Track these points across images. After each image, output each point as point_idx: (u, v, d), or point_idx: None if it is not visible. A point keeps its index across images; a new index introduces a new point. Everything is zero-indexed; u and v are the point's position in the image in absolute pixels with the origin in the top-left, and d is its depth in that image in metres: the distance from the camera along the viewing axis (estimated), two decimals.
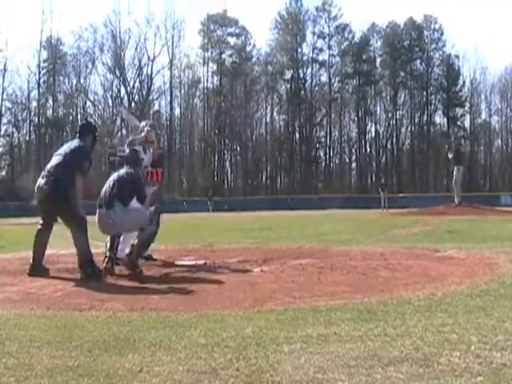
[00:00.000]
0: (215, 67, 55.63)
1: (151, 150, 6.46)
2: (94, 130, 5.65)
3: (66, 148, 5.41)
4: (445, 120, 55.94)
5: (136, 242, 5.34)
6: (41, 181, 5.22)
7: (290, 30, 54.44)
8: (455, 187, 17.16)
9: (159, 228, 5.73)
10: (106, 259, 5.34)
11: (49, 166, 5.30)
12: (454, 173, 17.17)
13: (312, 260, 6.03)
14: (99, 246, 6.36)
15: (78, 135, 5.52)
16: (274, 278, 4.99)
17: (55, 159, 5.31)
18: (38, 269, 5.25)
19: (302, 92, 54.85)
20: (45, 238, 5.36)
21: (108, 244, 5.41)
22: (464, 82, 55.24)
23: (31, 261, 5.31)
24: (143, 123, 6.57)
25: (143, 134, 6.35)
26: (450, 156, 17.41)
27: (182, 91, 55.47)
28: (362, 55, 54.68)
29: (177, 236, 5.86)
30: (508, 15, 72.32)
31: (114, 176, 5.48)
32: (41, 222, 5.41)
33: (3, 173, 52.24)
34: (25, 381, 2.33)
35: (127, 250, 5.48)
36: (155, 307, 3.83)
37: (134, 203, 5.32)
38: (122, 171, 5.46)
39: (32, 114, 51.45)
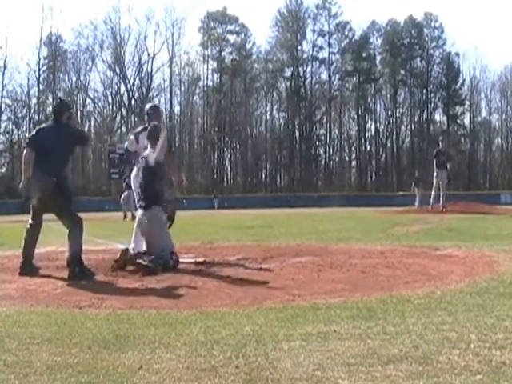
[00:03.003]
0: (215, 65, 55.56)
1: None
2: (68, 108, 5.57)
3: (54, 138, 5.13)
4: (445, 118, 55.99)
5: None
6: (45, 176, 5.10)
7: (289, 27, 54.36)
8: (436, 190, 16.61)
9: (172, 223, 5.73)
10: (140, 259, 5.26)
11: (50, 163, 5.12)
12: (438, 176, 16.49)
13: (311, 258, 6.03)
14: (99, 244, 6.36)
15: (53, 116, 5.36)
16: (273, 275, 4.99)
17: (54, 154, 5.11)
18: (28, 268, 5.22)
19: (302, 90, 54.78)
20: (34, 237, 5.33)
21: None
22: (464, 80, 55.28)
23: (22, 260, 5.27)
24: (147, 106, 6.55)
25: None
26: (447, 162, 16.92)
27: (182, 89, 55.47)
28: (362, 53, 54.61)
29: (176, 233, 5.85)
30: (508, 14, 72.24)
31: (145, 170, 5.45)
32: (30, 221, 5.35)
33: (3, 170, 52.24)
34: (24, 378, 2.33)
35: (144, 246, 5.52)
36: (155, 305, 3.83)
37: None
38: (149, 162, 5.41)
39: (32, 111, 51.45)
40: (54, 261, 5.92)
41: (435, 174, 16.30)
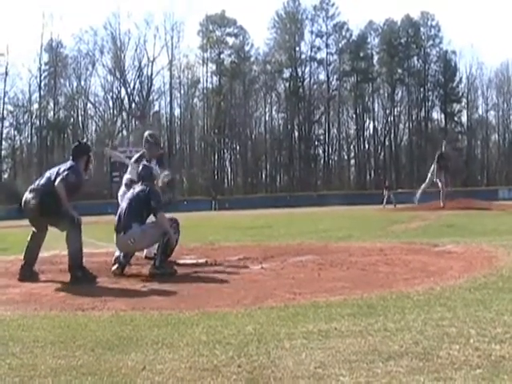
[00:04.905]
0: (214, 67, 55.56)
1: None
2: (87, 151, 5.41)
3: (58, 167, 5.28)
4: (442, 116, 55.99)
5: (158, 250, 5.32)
6: (28, 195, 5.13)
7: (288, 29, 54.36)
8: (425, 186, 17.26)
9: (179, 236, 5.73)
10: (117, 265, 5.30)
11: (37, 182, 5.23)
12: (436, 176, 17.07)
13: (312, 257, 6.06)
14: (101, 247, 6.38)
15: (71, 157, 5.32)
16: (274, 275, 5.02)
17: (46, 176, 5.21)
18: (28, 273, 5.17)
19: (301, 90, 54.77)
20: (38, 242, 5.30)
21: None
22: (461, 77, 55.27)
23: (22, 264, 5.23)
24: (146, 133, 6.58)
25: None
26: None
27: (182, 91, 55.43)
28: (359, 53, 54.62)
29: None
30: (503, 11, 72.35)
31: (129, 195, 5.49)
32: (33, 229, 5.32)
33: (5, 176, 52.23)
34: (29, 381, 2.36)
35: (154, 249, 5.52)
36: (157, 306, 3.85)
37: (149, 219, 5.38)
38: (137, 189, 5.44)
39: (33, 116, 51.47)
40: (57, 264, 5.94)
41: (433, 172, 16.88)
